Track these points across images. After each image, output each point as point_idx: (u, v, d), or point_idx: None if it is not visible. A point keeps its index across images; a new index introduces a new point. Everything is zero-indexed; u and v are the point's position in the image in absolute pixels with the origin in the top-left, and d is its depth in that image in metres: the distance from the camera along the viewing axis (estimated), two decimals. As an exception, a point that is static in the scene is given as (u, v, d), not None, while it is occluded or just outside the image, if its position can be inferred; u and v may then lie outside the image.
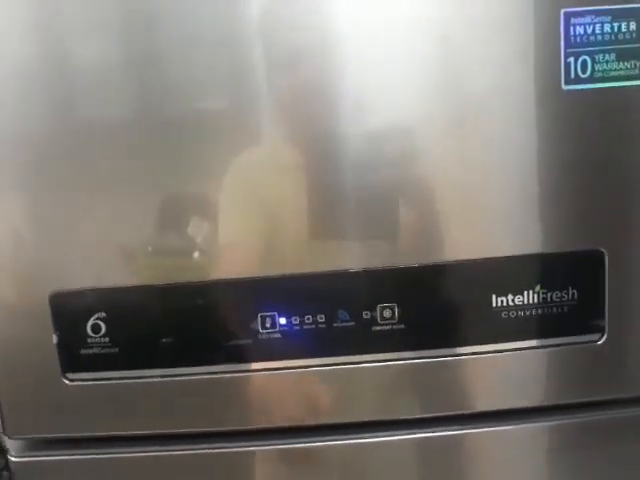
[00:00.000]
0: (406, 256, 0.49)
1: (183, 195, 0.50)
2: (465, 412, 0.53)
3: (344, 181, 0.48)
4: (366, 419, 0.52)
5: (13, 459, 0.54)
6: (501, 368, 0.52)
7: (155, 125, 0.48)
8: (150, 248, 0.50)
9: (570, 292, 0.50)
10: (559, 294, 0.50)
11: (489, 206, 0.49)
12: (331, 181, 0.48)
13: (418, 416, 0.53)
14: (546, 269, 0.50)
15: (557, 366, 0.52)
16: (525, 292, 0.50)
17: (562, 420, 0.54)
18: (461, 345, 0.51)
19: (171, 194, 0.50)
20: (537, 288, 0.50)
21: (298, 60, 0.46)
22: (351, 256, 0.49)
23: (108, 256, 0.50)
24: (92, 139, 0.48)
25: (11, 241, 0.50)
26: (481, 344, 0.51)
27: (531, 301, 0.50)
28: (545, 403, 0.53)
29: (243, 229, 0.49)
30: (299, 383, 0.51)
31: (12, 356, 0.51)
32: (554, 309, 0.50)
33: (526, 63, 0.47)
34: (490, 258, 0.49)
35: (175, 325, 0.50)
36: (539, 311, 0.50)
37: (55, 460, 0.54)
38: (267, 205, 0.49)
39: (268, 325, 0.50)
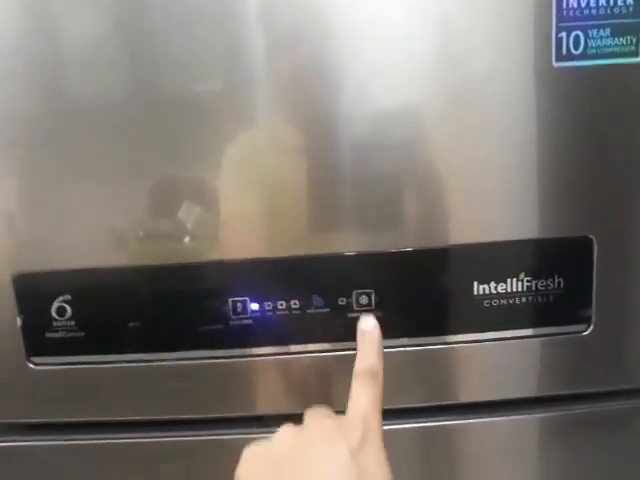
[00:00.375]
0: (405, 241, 0.47)
1: (176, 178, 0.48)
2: (448, 403, 0.52)
3: (342, 163, 0.46)
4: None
5: (-21, 444, 0.52)
6: (485, 358, 0.50)
7: (148, 105, 0.45)
8: (139, 232, 0.48)
9: (556, 280, 0.48)
10: (545, 282, 0.48)
11: (485, 190, 0.47)
12: (330, 163, 0.46)
13: (401, 406, 0.51)
14: (531, 256, 0.48)
15: (543, 357, 0.50)
16: (509, 280, 0.48)
17: (549, 412, 0.52)
18: (443, 334, 0.49)
19: (163, 177, 0.47)
20: (521, 276, 0.48)
21: (298, 40, 0.44)
22: (347, 240, 0.47)
23: (77, 237, 0.48)
24: (78, 117, 0.45)
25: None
26: (463, 333, 0.49)
27: (515, 289, 0.48)
28: (531, 394, 0.51)
29: (242, 212, 0.47)
30: (272, 370, 0.49)
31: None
32: (539, 298, 0.48)
33: (522, 42, 0.44)
34: (473, 244, 0.47)
35: (142, 309, 0.48)
36: (523, 300, 0.48)
37: (16, 446, 0.52)
38: (265, 187, 0.46)
39: (239, 310, 0.48)
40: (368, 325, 0.45)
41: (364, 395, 0.39)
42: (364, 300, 0.47)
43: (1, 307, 0.49)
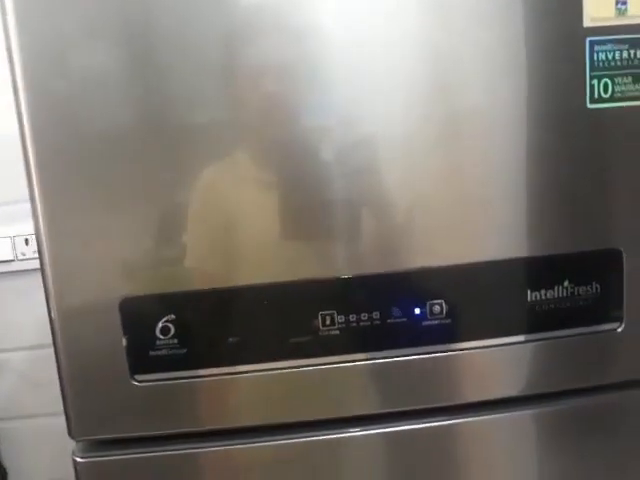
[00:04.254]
0: (444, 257, 0.55)
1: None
2: (498, 397, 0.58)
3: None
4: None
5: (78, 459, 0.56)
6: (531, 356, 0.58)
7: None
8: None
9: (594, 286, 0.56)
10: (584, 288, 0.56)
11: (522, 212, 0.55)
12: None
13: (436, 405, 0.57)
14: (572, 267, 0.56)
15: (579, 353, 0.59)
16: (555, 287, 0.56)
17: (582, 402, 0.60)
18: (501, 336, 0.56)
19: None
20: (565, 283, 0.56)
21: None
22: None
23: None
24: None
25: (82, 250, 0.52)
26: (517, 335, 0.57)
27: (560, 295, 0.56)
28: (570, 387, 0.59)
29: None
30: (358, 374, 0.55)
31: (81, 362, 0.54)
32: (580, 302, 0.56)
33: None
34: (525, 257, 0.55)
35: (240, 325, 0.54)
36: (567, 304, 0.56)
37: (118, 460, 0.56)
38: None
39: (328, 323, 0.54)
40: None
41: None
42: (437, 309, 0.55)
43: (106, 330, 0.53)
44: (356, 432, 0.57)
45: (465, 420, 0.58)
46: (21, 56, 0.49)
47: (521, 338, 0.57)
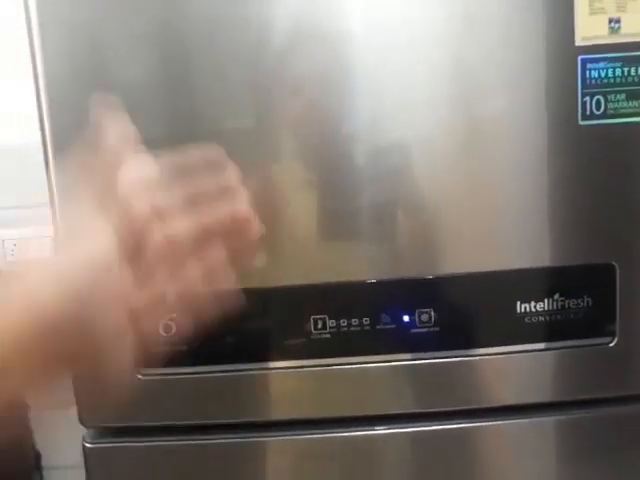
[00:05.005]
0: (440, 266, 0.57)
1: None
2: (489, 406, 0.60)
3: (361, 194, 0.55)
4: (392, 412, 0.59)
5: (87, 445, 0.60)
6: (521, 367, 0.59)
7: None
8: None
9: (585, 300, 0.57)
10: (575, 301, 0.57)
11: (517, 226, 0.57)
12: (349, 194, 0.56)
13: (442, 409, 0.59)
14: (565, 279, 0.57)
15: (571, 366, 0.59)
16: (546, 299, 0.57)
17: (575, 415, 0.60)
18: (489, 346, 0.58)
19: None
20: (556, 296, 0.57)
21: (320, 79, 0.53)
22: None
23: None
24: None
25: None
26: (506, 345, 0.58)
27: (551, 307, 0.57)
28: (561, 399, 0.60)
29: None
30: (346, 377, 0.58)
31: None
32: (571, 315, 0.57)
33: (538, 98, 0.54)
34: (516, 269, 0.56)
35: (238, 326, 0.57)
36: (558, 316, 0.57)
37: (124, 446, 0.60)
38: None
39: (320, 327, 0.57)
40: None
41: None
42: (425, 317, 0.56)
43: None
44: (351, 433, 0.59)
45: (452, 427, 0.59)
46: (44, 67, 0.53)
47: (518, 348, 0.58)
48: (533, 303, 0.57)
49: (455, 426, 0.59)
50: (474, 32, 0.53)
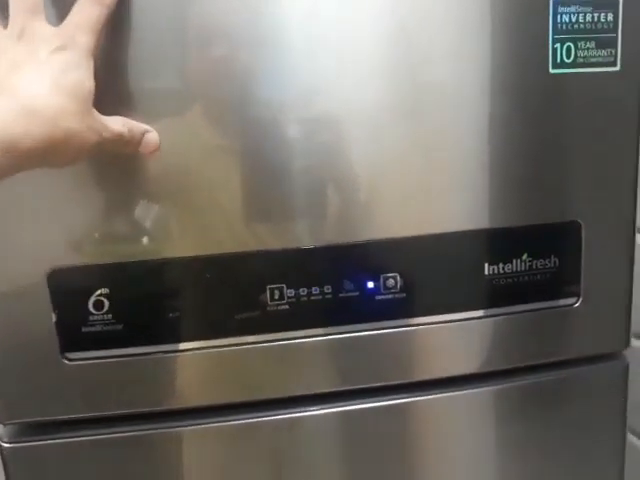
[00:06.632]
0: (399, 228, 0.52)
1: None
2: (444, 376, 0.57)
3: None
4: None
5: (4, 445, 0.51)
6: (486, 331, 0.56)
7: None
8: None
9: (552, 260, 0.55)
10: (543, 262, 0.54)
11: (480, 186, 0.53)
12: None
13: (390, 383, 0.55)
14: (532, 239, 0.54)
15: (534, 329, 0.57)
16: (514, 260, 0.54)
17: (538, 379, 0.59)
18: (457, 311, 0.54)
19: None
20: (524, 257, 0.54)
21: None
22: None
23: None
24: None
25: (7, 220, 0.48)
26: (474, 310, 0.55)
27: (519, 269, 0.54)
28: (525, 363, 0.58)
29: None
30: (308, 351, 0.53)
31: (6, 338, 0.49)
32: (538, 276, 0.55)
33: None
34: (483, 229, 0.53)
35: (181, 300, 0.50)
36: (525, 278, 0.54)
37: (50, 444, 0.52)
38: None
39: (276, 297, 0.51)
40: None
41: (82, 12, 0.41)
42: (391, 283, 0.52)
43: (34, 304, 0.49)
44: (310, 411, 0.54)
45: (423, 398, 0.56)
46: None
47: (479, 313, 0.55)
48: (501, 265, 0.54)
49: (423, 398, 0.56)
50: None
